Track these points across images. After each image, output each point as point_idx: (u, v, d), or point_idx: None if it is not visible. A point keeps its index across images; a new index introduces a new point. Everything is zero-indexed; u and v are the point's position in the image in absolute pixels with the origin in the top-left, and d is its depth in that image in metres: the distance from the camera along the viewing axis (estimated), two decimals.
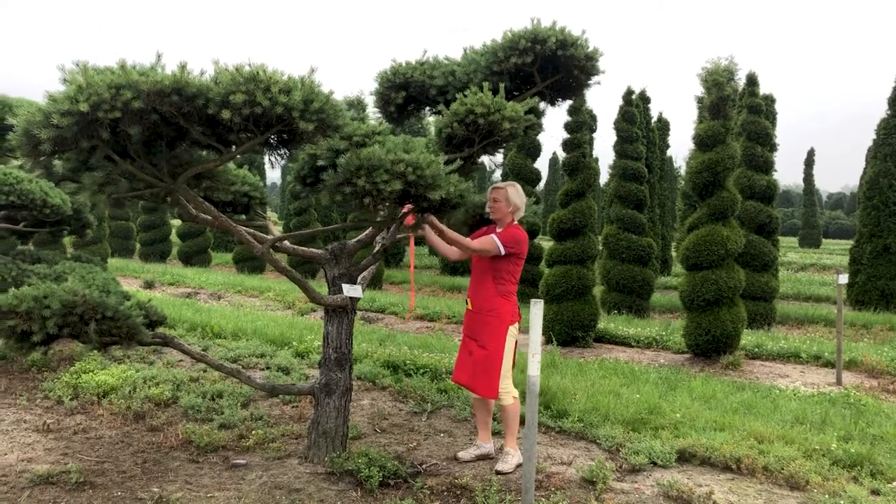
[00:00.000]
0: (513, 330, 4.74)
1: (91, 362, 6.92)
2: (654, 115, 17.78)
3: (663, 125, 19.53)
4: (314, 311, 12.62)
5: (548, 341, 9.62)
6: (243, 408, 5.91)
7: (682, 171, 27.24)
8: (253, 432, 5.19)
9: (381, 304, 13.06)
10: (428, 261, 23.44)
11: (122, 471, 4.56)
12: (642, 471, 4.81)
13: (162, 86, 3.36)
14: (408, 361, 7.34)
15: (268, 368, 7.37)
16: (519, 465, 4.73)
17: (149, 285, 15.91)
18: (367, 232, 4.85)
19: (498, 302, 4.71)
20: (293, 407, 6.03)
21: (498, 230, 4.76)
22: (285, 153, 3.85)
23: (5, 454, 4.83)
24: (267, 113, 3.37)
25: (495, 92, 4.26)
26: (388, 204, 3.76)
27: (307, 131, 3.43)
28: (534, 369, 3.68)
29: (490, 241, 4.60)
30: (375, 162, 3.64)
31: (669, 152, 22.56)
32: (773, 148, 12.14)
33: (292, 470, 4.57)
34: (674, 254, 21.67)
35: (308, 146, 4.01)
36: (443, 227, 4.45)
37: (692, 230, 8.55)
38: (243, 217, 5.65)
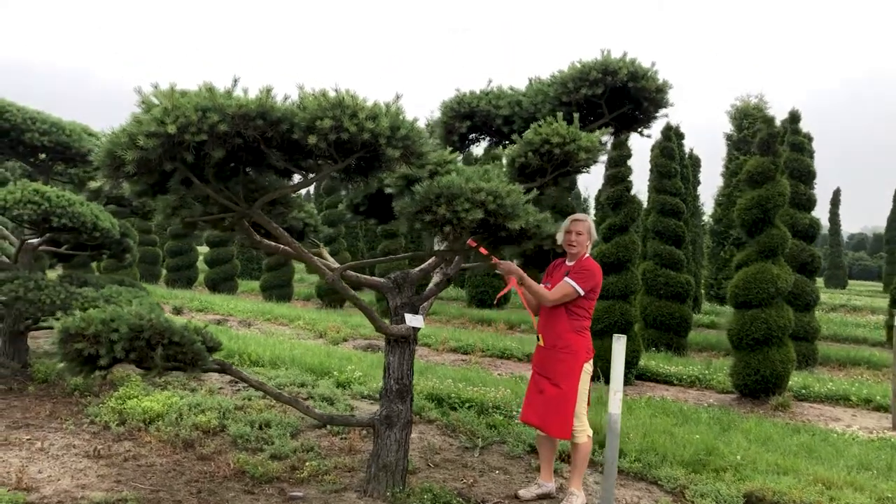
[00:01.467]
0: (587, 367, 4.61)
1: (134, 387, 6.85)
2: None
3: (694, 161, 19.45)
4: (346, 340, 12.53)
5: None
6: (292, 438, 5.80)
7: (704, 207, 26.98)
8: (306, 464, 5.08)
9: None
10: (454, 293, 23.31)
11: (177, 500, 4.46)
12: None
13: (247, 109, 3.33)
14: (452, 395, 7.21)
15: (310, 398, 7.26)
16: None
17: (177, 311, 15.89)
18: (430, 261, 4.77)
19: (572, 338, 4.58)
20: (342, 439, 5.92)
21: (568, 264, 4.65)
22: (362, 180, 3.79)
23: (59, 479, 4.74)
24: (353, 139, 3.32)
25: (569, 122, 4.20)
26: (466, 233, 3.68)
27: (393, 158, 3.38)
28: (615, 407, 3.56)
29: (566, 289, 4.48)
30: (455, 190, 3.57)
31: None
32: (813, 186, 12.01)
33: None
34: (703, 291, 21.43)
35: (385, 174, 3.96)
36: (523, 274, 4.35)
37: (740, 267, 8.42)
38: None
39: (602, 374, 9.21)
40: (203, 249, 27.29)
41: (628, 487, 5.13)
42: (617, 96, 4.79)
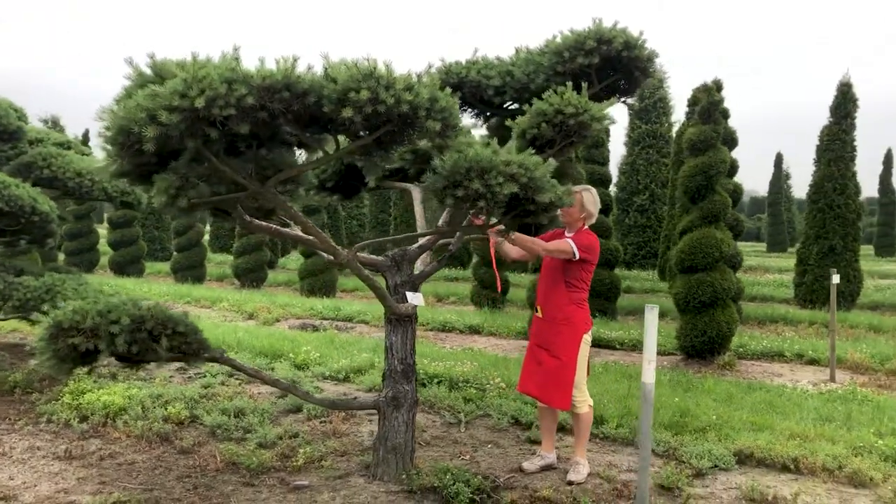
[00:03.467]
0: (587, 338, 4.64)
1: (86, 381, 6.42)
2: None
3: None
4: (278, 321, 12.18)
5: None
6: (272, 424, 5.58)
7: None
8: (299, 451, 4.89)
9: (348, 312, 12.71)
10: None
11: (175, 498, 4.22)
12: (707, 475, 4.78)
13: (273, 81, 3.11)
14: (420, 371, 7.13)
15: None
16: (589, 475, 4.63)
17: None
18: (428, 238, 4.65)
19: (571, 310, 4.59)
20: (322, 423, 5.74)
21: (568, 235, 4.64)
22: (382, 155, 3.62)
23: (36, 485, 4.39)
24: (389, 111, 3.15)
25: (577, 91, 4.15)
26: (498, 208, 3.58)
27: (433, 130, 3.23)
28: (649, 377, 3.58)
29: (566, 244, 4.47)
30: (485, 164, 3.47)
31: None
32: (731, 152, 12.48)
33: (364, 490, 4.32)
34: None
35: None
36: (514, 234, 4.31)
37: (685, 233, 8.67)
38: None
39: None
40: (103, 231, 25.92)
41: (620, 453, 5.22)
42: (609, 66, 4.78)
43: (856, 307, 14.09)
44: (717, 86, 10.88)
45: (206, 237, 27.47)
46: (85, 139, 25.92)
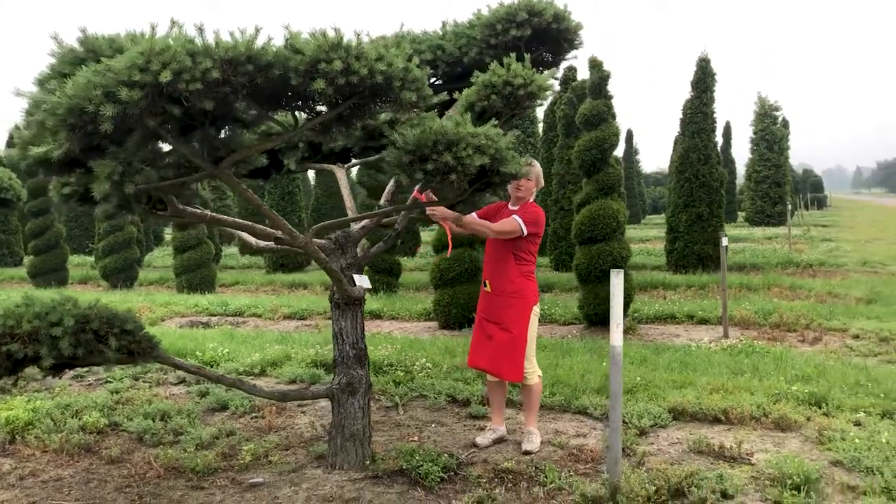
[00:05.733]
0: (536, 310, 4.68)
1: None
2: None
3: None
4: (163, 319, 11.54)
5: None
6: (202, 424, 5.29)
7: None
8: (243, 449, 4.67)
9: (236, 306, 12.24)
10: (247, 260, 22.34)
11: None
12: (650, 433, 4.97)
13: (235, 53, 2.91)
14: None
15: (182, 382, 6.68)
16: (541, 444, 4.70)
17: None
18: (368, 219, 4.53)
19: (521, 283, 4.61)
20: (253, 418, 5.50)
21: (512, 208, 4.66)
22: (342, 129, 3.48)
23: None
24: (363, 82, 3.03)
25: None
26: (466, 181, 3.52)
27: (409, 101, 3.13)
28: (617, 340, 3.66)
29: (513, 223, 4.48)
30: (451, 136, 3.41)
31: None
32: None
33: (325, 480, 4.18)
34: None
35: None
36: (458, 215, 4.28)
37: (582, 206, 8.93)
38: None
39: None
40: None
41: (561, 420, 5.33)
42: (537, 39, 4.81)
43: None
44: (594, 63, 11.25)
45: None
46: None
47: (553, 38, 4.80)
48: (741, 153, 38.14)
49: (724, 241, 8.34)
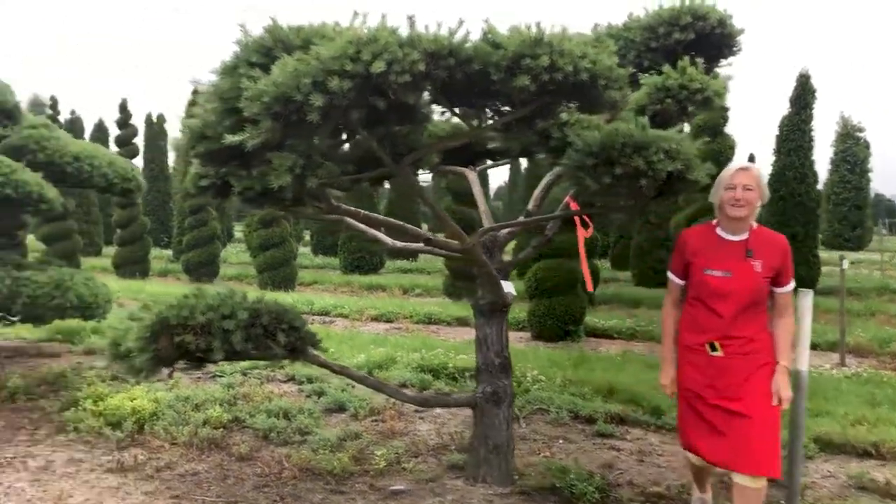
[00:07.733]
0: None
1: (99, 386, 5.86)
2: None
3: None
4: None
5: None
6: (326, 425, 5.22)
7: None
8: (376, 453, 4.56)
9: (322, 306, 12.24)
10: (321, 261, 22.47)
11: None
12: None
13: (438, 46, 2.80)
14: (449, 365, 6.86)
15: (291, 380, 6.64)
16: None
17: None
18: (517, 222, 4.39)
19: (766, 338, 3.32)
20: (374, 422, 5.41)
21: (732, 238, 3.34)
22: (523, 129, 3.35)
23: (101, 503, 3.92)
24: (566, 80, 2.89)
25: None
26: (655, 186, 3.35)
27: (613, 101, 2.99)
28: (803, 364, 3.44)
29: (790, 296, 3.38)
30: (640, 140, 3.24)
31: None
32: None
33: (470, 493, 4.04)
34: None
35: None
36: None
37: (690, 223, 8.67)
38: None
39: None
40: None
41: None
42: (697, 43, 4.61)
43: (815, 293, 14.55)
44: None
45: None
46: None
47: (714, 43, 4.58)
48: (819, 174, 37.18)
49: (845, 264, 7.97)
